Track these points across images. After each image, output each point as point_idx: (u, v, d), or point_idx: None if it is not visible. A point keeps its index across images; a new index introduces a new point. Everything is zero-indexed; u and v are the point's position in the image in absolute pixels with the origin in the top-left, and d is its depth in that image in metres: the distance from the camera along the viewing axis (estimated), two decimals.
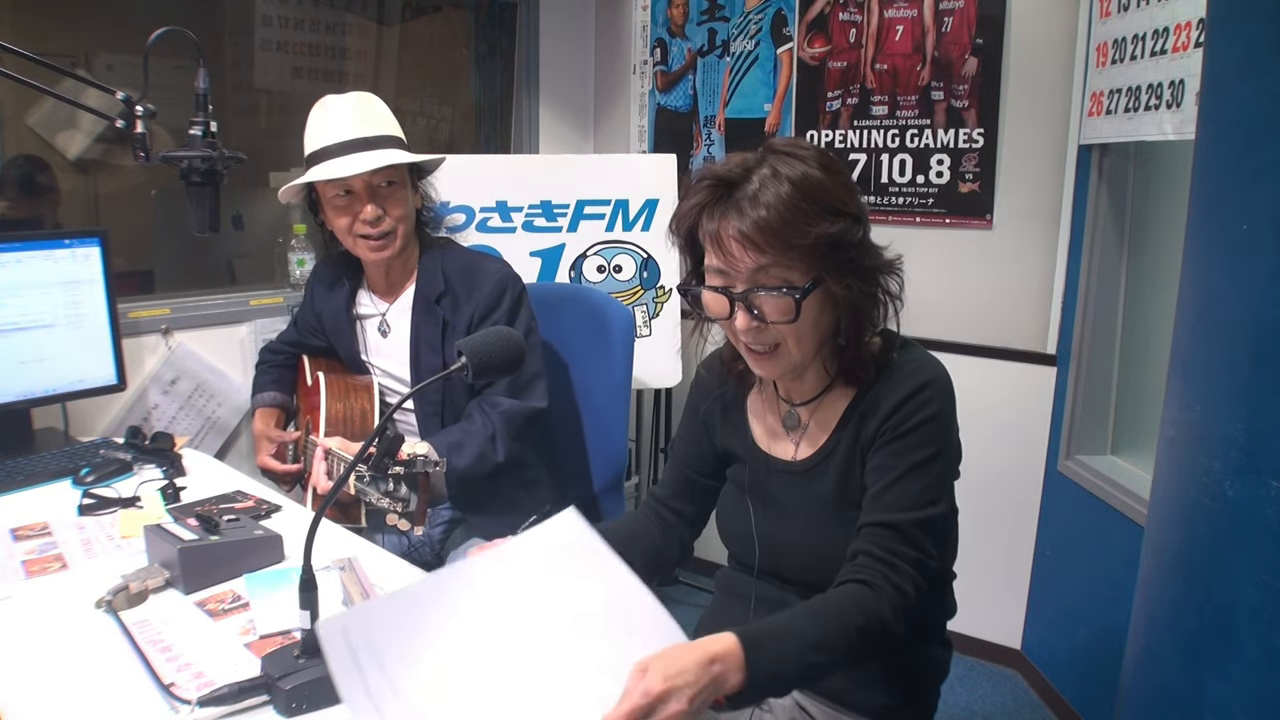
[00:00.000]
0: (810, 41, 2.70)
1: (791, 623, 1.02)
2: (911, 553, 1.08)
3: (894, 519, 1.09)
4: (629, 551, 1.23)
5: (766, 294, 1.07)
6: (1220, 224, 1.15)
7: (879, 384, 1.16)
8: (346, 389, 1.76)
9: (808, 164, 1.08)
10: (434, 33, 3.12)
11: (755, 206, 1.05)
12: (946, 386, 1.15)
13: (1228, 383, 1.11)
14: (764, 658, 0.96)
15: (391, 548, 1.53)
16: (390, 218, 1.66)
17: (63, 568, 1.30)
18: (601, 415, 1.96)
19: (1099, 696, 2.16)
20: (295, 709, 0.95)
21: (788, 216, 1.04)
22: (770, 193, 1.05)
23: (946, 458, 1.13)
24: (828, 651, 1.01)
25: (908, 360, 1.17)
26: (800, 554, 1.22)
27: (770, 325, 1.09)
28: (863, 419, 1.16)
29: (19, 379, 1.76)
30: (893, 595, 1.06)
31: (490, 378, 1.35)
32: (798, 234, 1.05)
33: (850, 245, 1.08)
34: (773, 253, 1.06)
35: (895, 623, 1.06)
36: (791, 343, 1.11)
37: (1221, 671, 1.10)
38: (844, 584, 1.08)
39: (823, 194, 1.06)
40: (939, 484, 1.12)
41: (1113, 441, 2.34)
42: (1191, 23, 1.73)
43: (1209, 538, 1.14)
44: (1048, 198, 2.37)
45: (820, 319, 1.11)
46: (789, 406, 1.24)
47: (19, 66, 1.27)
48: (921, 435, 1.11)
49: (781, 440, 1.25)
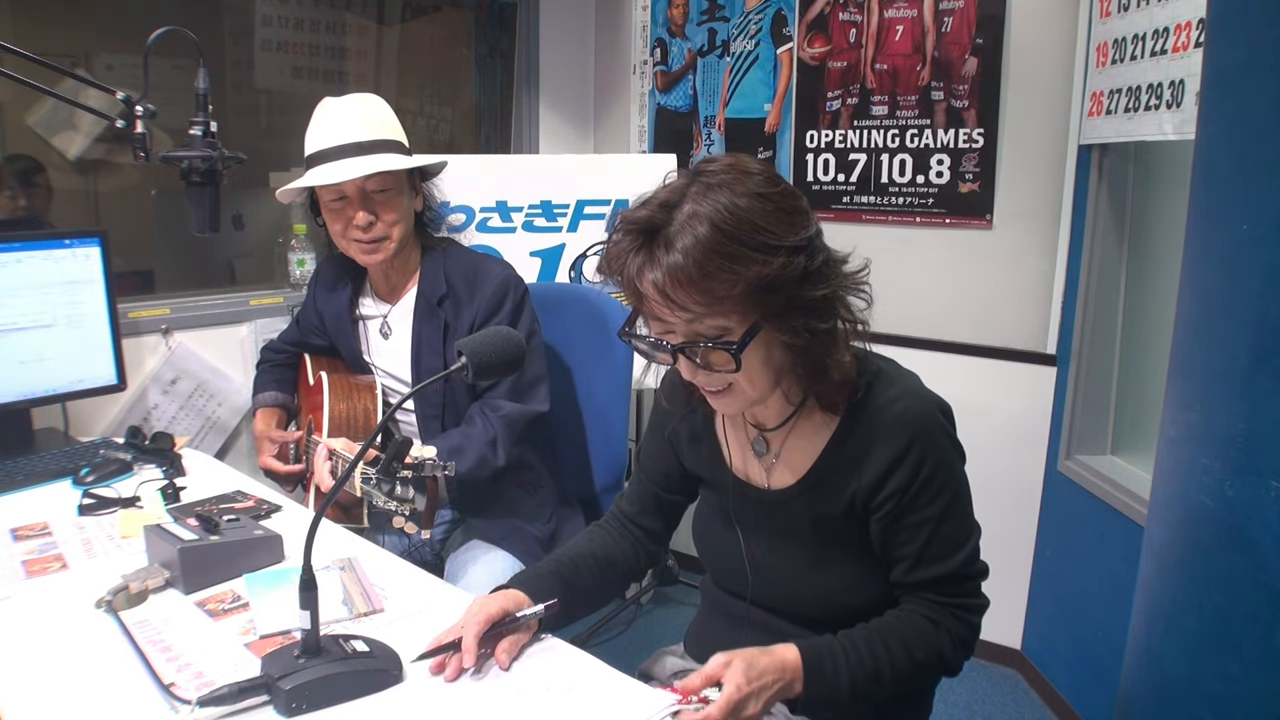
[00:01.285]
0: (810, 41, 2.70)
1: (852, 649, 1.05)
2: (969, 585, 1.10)
3: (944, 571, 1.08)
4: (606, 570, 1.26)
5: (704, 346, 0.99)
6: (1220, 224, 1.15)
7: (861, 423, 1.07)
8: (350, 389, 1.75)
9: (735, 194, 0.95)
10: (434, 33, 3.12)
11: (670, 253, 0.94)
12: (937, 425, 1.06)
13: (1228, 383, 1.11)
14: (821, 681, 1.02)
15: (392, 548, 1.53)
16: (383, 223, 1.65)
17: (63, 568, 1.30)
18: (602, 416, 1.96)
19: (1099, 696, 2.16)
20: (295, 709, 0.95)
21: (708, 266, 0.93)
22: (687, 237, 0.93)
23: (963, 489, 1.09)
24: (884, 683, 1.05)
25: (890, 399, 1.07)
26: (786, 584, 1.17)
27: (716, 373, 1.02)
28: (852, 466, 1.08)
29: (19, 379, 1.76)
30: (957, 629, 1.08)
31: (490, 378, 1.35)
32: (722, 284, 0.93)
33: (790, 281, 0.96)
34: (699, 308, 0.95)
35: (954, 657, 1.09)
36: (744, 383, 1.02)
37: (1221, 671, 1.10)
38: (907, 612, 1.10)
39: (750, 231, 0.94)
40: (967, 516, 1.11)
41: (1113, 441, 2.34)
42: (1191, 23, 1.73)
43: (1209, 538, 1.14)
44: (1048, 198, 2.37)
45: (770, 358, 1.01)
46: (757, 432, 1.17)
47: (19, 66, 1.27)
48: (935, 487, 1.06)
49: (752, 465, 1.19)
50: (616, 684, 1.03)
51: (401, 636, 1.09)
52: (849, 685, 1.03)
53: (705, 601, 1.35)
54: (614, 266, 1.01)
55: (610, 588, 1.28)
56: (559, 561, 1.22)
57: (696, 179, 0.98)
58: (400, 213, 1.67)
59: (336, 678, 0.98)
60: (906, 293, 2.56)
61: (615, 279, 1.03)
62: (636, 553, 1.31)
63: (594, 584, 1.23)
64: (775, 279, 0.95)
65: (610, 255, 1.01)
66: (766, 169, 1.01)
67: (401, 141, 1.69)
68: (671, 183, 1.01)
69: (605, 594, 1.29)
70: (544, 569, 1.19)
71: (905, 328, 2.56)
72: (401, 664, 1.04)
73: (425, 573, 1.33)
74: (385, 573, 1.31)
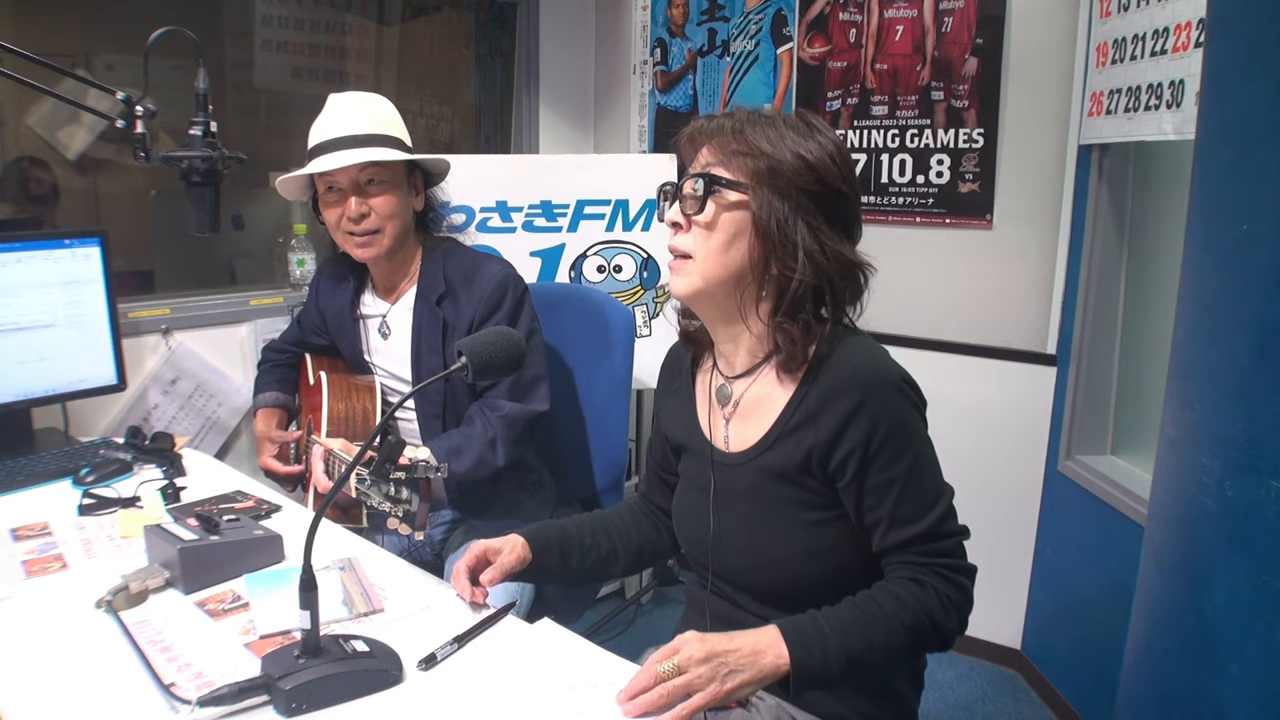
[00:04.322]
0: (810, 41, 2.70)
1: (834, 618, 1.03)
2: (948, 543, 1.09)
3: (919, 530, 1.07)
4: (626, 542, 1.32)
5: (690, 180, 1.07)
6: (1220, 224, 1.15)
7: (819, 381, 1.08)
8: (349, 389, 1.75)
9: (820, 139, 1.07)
10: (434, 33, 3.12)
11: (729, 117, 1.07)
12: (892, 384, 1.06)
13: (1228, 383, 1.11)
14: (808, 653, 1.00)
15: (391, 547, 1.53)
16: (376, 216, 1.64)
17: (63, 568, 1.30)
18: (602, 415, 1.96)
19: (1099, 696, 2.16)
20: (295, 709, 0.95)
21: (748, 127, 1.05)
22: (753, 116, 1.07)
23: (927, 448, 1.08)
24: (876, 651, 1.03)
25: (848, 358, 1.08)
26: (745, 552, 1.16)
27: (690, 224, 1.08)
28: (808, 423, 1.08)
29: (19, 379, 1.76)
30: (944, 589, 1.07)
31: (490, 378, 1.35)
32: (741, 142, 1.05)
33: (799, 179, 1.04)
34: (716, 154, 1.07)
35: (946, 620, 1.06)
36: (700, 254, 1.08)
37: (1221, 671, 1.10)
38: (892, 579, 1.09)
39: (801, 141, 1.05)
40: (935, 477, 1.09)
41: (1113, 441, 2.34)
42: (1191, 23, 1.73)
43: (1209, 538, 1.14)
44: (1048, 198, 2.37)
45: (736, 242, 1.07)
46: (724, 379, 1.19)
47: (19, 66, 1.27)
48: (897, 445, 1.05)
49: (717, 423, 1.20)
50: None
51: (401, 636, 1.09)
52: (838, 654, 1.00)
53: (688, 602, 1.35)
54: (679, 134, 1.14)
55: (617, 559, 1.33)
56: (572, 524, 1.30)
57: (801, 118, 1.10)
58: (395, 208, 1.66)
59: (336, 678, 0.98)
60: (906, 293, 2.56)
61: (673, 144, 1.16)
62: (658, 529, 1.37)
63: (595, 562, 1.29)
64: (789, 169, 1.04)
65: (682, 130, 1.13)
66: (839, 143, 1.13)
67: (401, 139, 1.68)
68: None
69: (610, 566, 1.34)
70: (553, 529, 1.27)
71: (905, 328, 2.56)
72: (401, 664, 1.04)
73: (425, 573, 1.33)
74: (385, 573, 1.31)
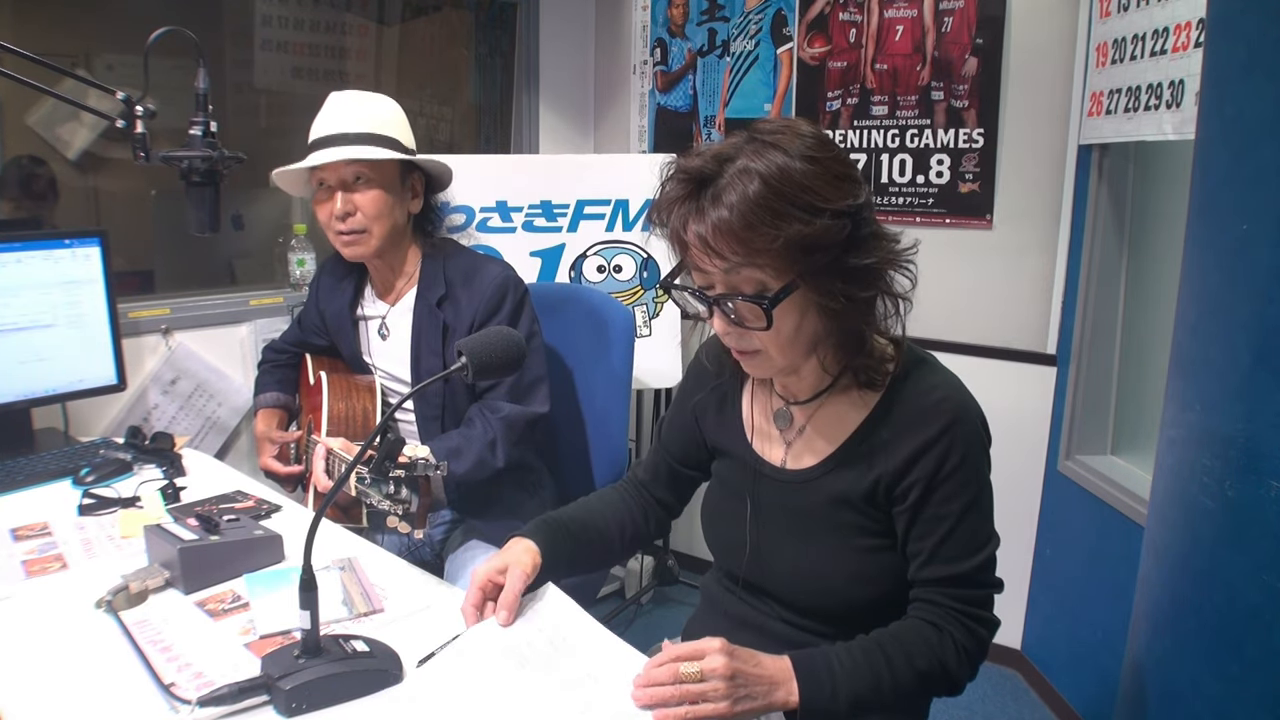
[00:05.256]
0: (810, 41, 2.70)
1: (848, 657, 1.03)
2: (980, 593, 1.08)
3: (957, 571, 1.06)
4: (621, 535, 1.30)
5: (739, 299, 1.00)
6: (1220, 224, 1.15)
7: (897, 408, 1.07)
8: (349, 389, 1.75)
9: (789, 154, 0.97)
10: (434, 33, 3.12)
11: (717, 207, 0.96)
12: (976, 420, 1.07)
13: (1228, 383, 1.11)
14: (817, 690, 0.99)
15: (391, 547, 1.53)
16: (362, 215, 1.63)
17: (63, 568, 1.30)
18: (602, 415, 1.96)
19: (1099, 696, 2.16)
20: (295, 709, 0.95)
21: (751, 219, 0.95)
22: (736, 192, 0.96)
23: (987, 493, 1.09)
24: (884, 693, 1.02)
25: (932, 385, 1.07)
26: (788, 570, 1.16)
27: (748, 331, 1.03)
28: (882, 449, 1.08)
29: (19, 379, 1.76)
30: (962, 639, 1.06)
31: (490, 378, 1.35)
32: (762, 237, 0.95)
33: (832, 245, 0.97)
34: (736, 257, 0.97)
35: (959, 669, 1.06)
36: (773, 350, 1.04)
37: (1221, 671, 1.10)
38: (911, 620, 1.08)
39: (798, 191, 0.95)
40: (987, 521, 1.09)
41: (1113, 441, 2.34)
42: (1191, 23, 1.73)
43: (1209, 538, 1.14)
44: (1047, 198, 2.37)
45: (804, 324, 1.02)
46: (783, 403, 1.17)
47: (19, 66, 1.27)
48: (960, 481, 1.05)
49: (772, 442, 1.19)
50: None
51: (401, 636, 1.09)
52: (847, 694, 1.00)
53: (704, 599, 1.35)
54: (661, 215, 1.04)
55: (614, 552, 1.32)
56: (575, 521, 1.26)
57: (752, 138, 1.00)
58: (382, 209, 1.65)
59: (336, 678, 0.98)
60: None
61: (661, 229, 1.06)
62: (646, 518, 1.35)
63: (596, 550, 1.28)
64: (816, 239, 0.96)
65: (660, 203, 1.04)
66: (819, 133, 1.02)
67: (398, 140, 1.67)
68: (727, 139, 1.03)
69: (608, 558, 1.34)
70: (558, 528, 1.23)
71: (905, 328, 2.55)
72: (401, 664, 1.04)
73: (425, 573, 1.33)
74: (385, 573, 1.31)
